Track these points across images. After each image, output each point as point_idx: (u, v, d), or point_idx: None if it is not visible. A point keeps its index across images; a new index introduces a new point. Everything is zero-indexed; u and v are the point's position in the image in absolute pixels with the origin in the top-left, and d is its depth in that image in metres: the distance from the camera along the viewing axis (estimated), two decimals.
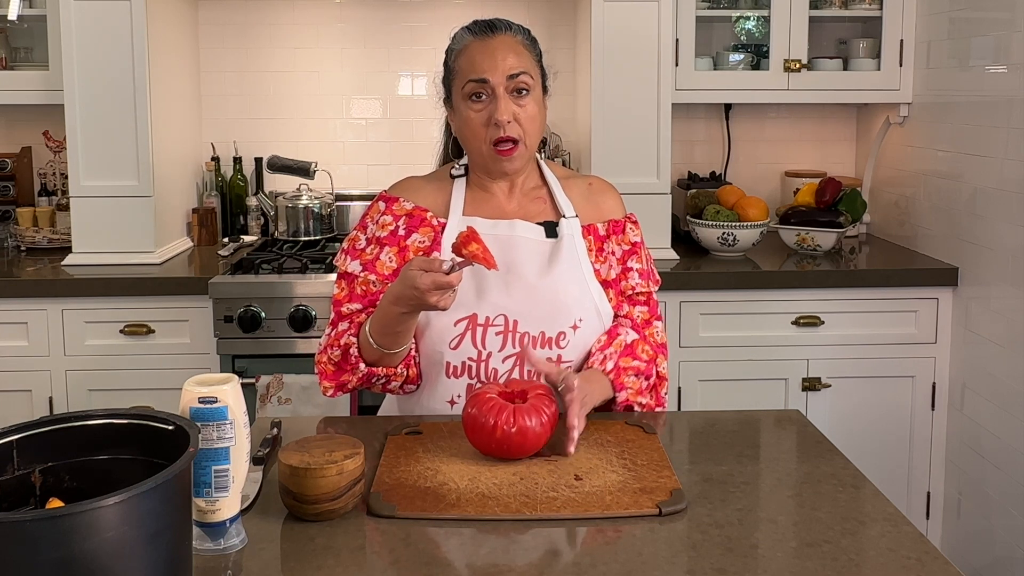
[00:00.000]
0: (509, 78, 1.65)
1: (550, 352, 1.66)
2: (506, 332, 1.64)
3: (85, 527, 0.88)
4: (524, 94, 1.67)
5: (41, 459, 1.07)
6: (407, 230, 1.73)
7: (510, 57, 1.67)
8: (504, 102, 1.65)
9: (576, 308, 1.67)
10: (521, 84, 1.66)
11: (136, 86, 2.86)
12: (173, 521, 0.97)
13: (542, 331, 1.65)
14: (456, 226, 1.70)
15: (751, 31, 3.31)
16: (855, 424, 2.86)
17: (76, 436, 1.08)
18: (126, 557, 0.91)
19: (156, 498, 0.93)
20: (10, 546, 0.86)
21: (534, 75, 1.69)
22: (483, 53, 1.67)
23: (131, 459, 1.08)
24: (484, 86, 1.65)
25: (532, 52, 1.72)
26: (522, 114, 1.66)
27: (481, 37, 1.70)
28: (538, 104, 1.70)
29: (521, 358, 1.65)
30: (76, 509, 0.88)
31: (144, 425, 1.08)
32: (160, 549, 0.95)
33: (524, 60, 1.68)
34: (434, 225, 1.72)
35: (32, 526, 0.87)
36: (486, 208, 1.74)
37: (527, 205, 1.75)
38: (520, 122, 1.66)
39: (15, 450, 1.05)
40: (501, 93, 1.65)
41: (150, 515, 0.93)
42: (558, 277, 1.68)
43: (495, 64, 1.65)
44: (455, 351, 1.65)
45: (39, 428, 1.07)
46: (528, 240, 1.70)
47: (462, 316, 1.64)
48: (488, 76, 1.65)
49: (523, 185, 1.77)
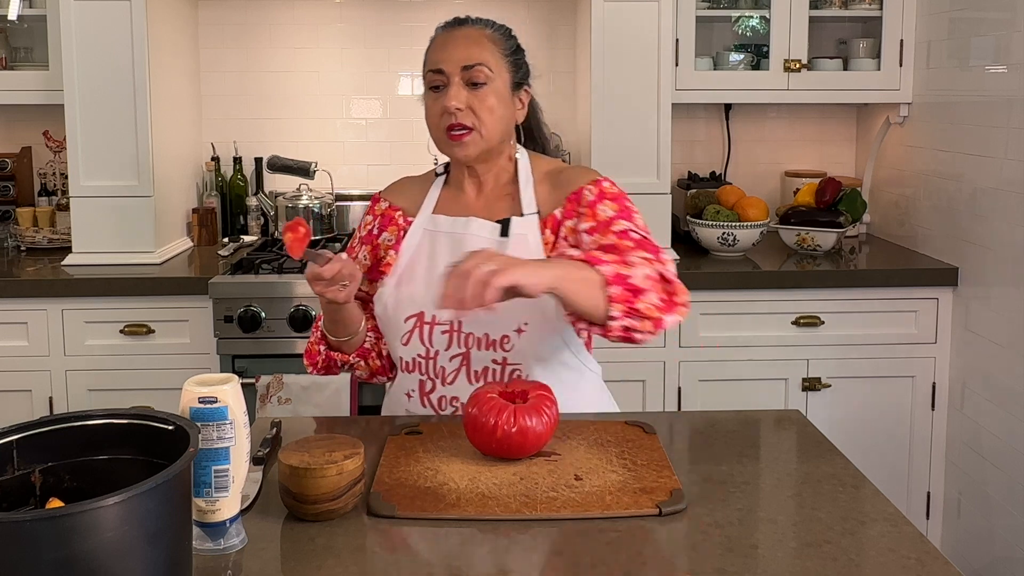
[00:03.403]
0: (464, 68, 1.65)
1: (495, 354, 1.65)
2: (451, 331, 1.66)
3: (85, 527, 0.88)
4: (481, 86, 1.66)
5: (41, 459, 1.07)
6: (379, 229, 1.80)
7: (468, 48, 1.67)
8: (455, 90, 1.65)
9: (520, 312, 1.62)
10: (476, 75, 1.65)
11: (136, 86, 2.86)
12: (173, 521, 0.97)
13: (486, 333, 1.65)
14: (422, 223, 1.75)
15: (755, 27, 3.31)
16: (855, 424, 2.86)
17: (76, 436, 1.08)
18: (126, 557, 0.91)
19: (156, 498, 0.93)
20: (10, 546, 0.86)
21: (495, 68, 1.67)
22: (443, 44, 1.69)
23: (131, 459, 1.08)
24: (440, 76, 1.66)
25: (500, 46, 1.70)
26: (477, 104, 1.65)
27: (447, 30, 1.72)
28: (499, 97, 1.67)
29: (467, 357, 1.65)
30: (76, 509, 0.87)
31: (144, 425, 1.08)
32: (160, 549, 0.95)
33: (484, 52, 1.67)
34: (400, 224, 1.78)
35: (32, 526, 0.87)
36: (455, 206, 1.75)
37: (493, 203, 1.74)
38: (475, 111, 1.65)
39: (15, 450, 1.05)
40: (455, 82, 1.65)
41: (150, 515, 0.93)
42: None
43: (451, 55, 1.66)
44: (406, 347, 1.69)
45: (39, 428, 1.07)
46: (480, 239, 1.68)
47: (411, 313, 1.68)
48: (443, 66, 1.66)
49: (495, 181, 1.75)
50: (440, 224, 1.73)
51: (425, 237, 1.73)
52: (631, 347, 1.63)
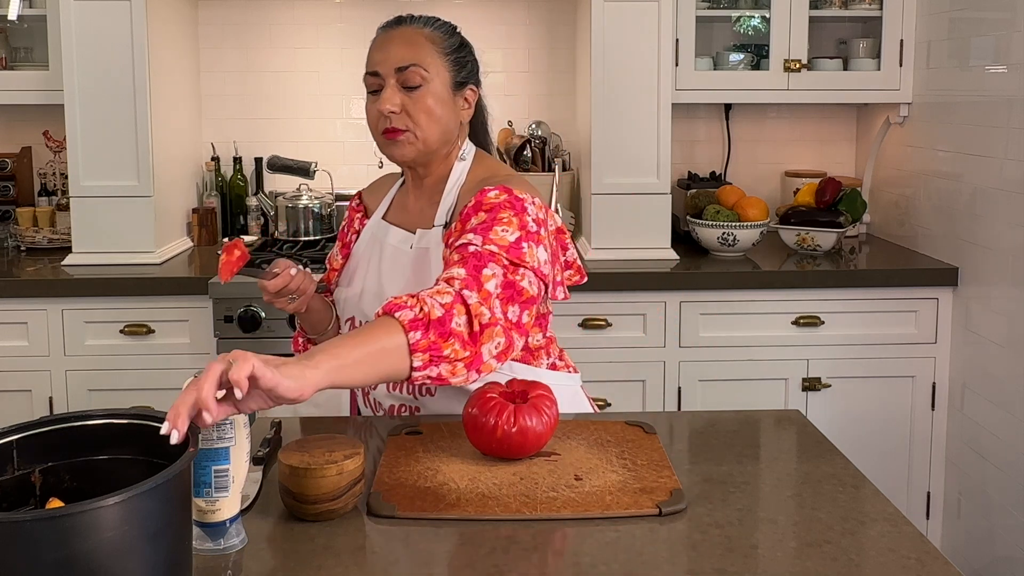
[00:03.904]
0: (398, 70, 1.62)
1: None
2: None
3: (85, 527, 0.88)
4: (415, 88, 1.62)
5: (41, 459, 1.07)
6: (347, 228, 1.86)
7: (403, 49, 1.63)
8: (389, 92, 1.62)
9: None
10: (411, 77, 1.61)
11: (136, 86, 2.86)
12: (173, 521, 0.97)
13: None
14: (372, 227, 1.78)
15: (755, 27, 3.31)
16: (855, 424, 2.86)
17: (76, 436, 1.09)
18: (126, 557, 0.91)
19: (156, 498, 0.93)
20: (10, 546, 0.86)
21: (431, 68, 1.63)
22: (378, 46, 1.66)
23: (131, 459, 1.08)
24: (376, 79, 1.64)
25: (439, 45, 1.65)
26: (412, 106, 1.62)
27: (384, 30, 1.69)
28: (437, 98, 1.63)
29: None
30: (76, 509, 0.88)
31: (144, 425, 1.09)
32: (160, 549, 0.95)
33: (419, 53, 1.63)
34: (355, 227, 1.83)
35: (32, 526, 0.87)
36: (401, 211, 1.76)
37: (425, 209, 1.71)
38: (410, 114, 1.62)
39: (15, 450, 1.06)
40: (389, 84, 1.62)
41: (150, 515, 0.93)
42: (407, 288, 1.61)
43: (386, 56, 1.63)
44: None
45: (39, 428, 1.08)
46: (395, 248, 1.71)
47: (348, 317, 1.75)
48: (378, 68, 1.64)
49: (431, 187, 1.72)
50: (379, 229, 1.76)
51: (373, 241, 1.76)
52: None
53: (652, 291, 2.80)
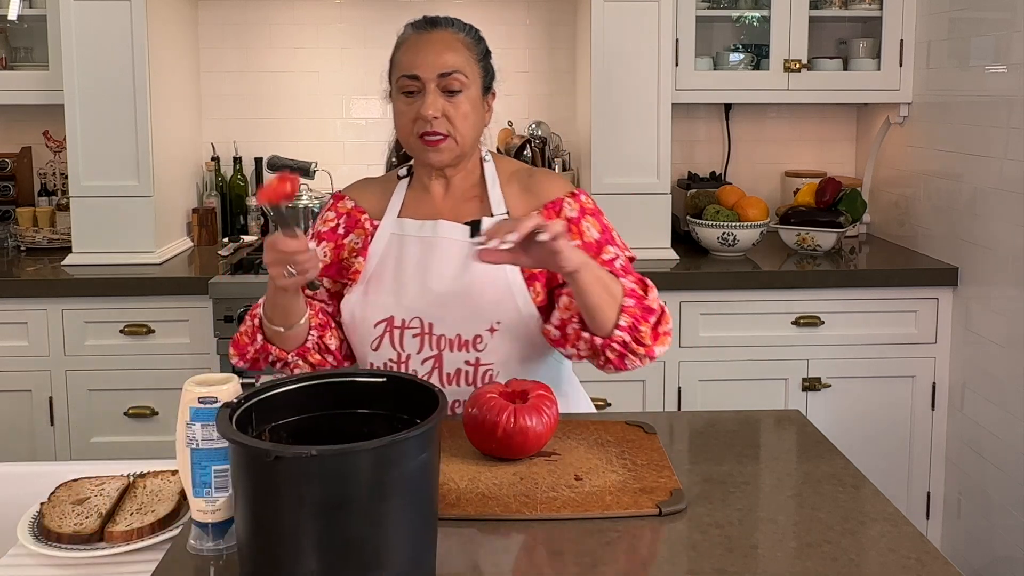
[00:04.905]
0: (441, 76, 1.62)
1: (468, 355, 1.64)
2: (423, 335, 1.64)
3: (398, 454, 1.02)
4: (456, 93, 1.64)
5: (327, 407, 1.22)
6: (345, 229, 1.75)
7: (445, 54, 1.64)
8: (432, 98, 1.62)
9: (493, 311, 1.63)
10: (452, 83, 1.63)
11: (136, 86, 2.86)
12: (438, 451, 1.12)
13: (458, 334, 1.63)
14: (388, 227, 1.71)
15: (755, 27, 3.31)
16: (855, 424, 2.86)
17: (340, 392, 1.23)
18: (426, 479, 1.07)
19: (434, 431, 1.07)
20: (344, 470, 1.01)
21: (470, 74, 1.65)
22: (418, 49, 1.65)
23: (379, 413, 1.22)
24: (415, 82, 1.63)
25: (473, 51, 1.67)
26: (452, 111, 1.63)
27: (420, 32, 1.68)
28: (472, 104, 1.66)
29: (439, 359, 1.64)
30: (396, 439, 1.02)
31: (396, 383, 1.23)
32: (437, 472, 1.12)
33: (460, 58, 1.64)
34: (367, 228, 1.73)
35: (359, 456, 1.01)
36: (421, 209, 1.72)
37: (460, 206, 1.72)
38: (450, 119, 1.63)
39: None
40: (431, 89, 1.62)
41: (435, 442, 1.08)
42: (475, 279, 1.63)
43: (428, 60, 1.63)
44: (376, 352, 1.66)
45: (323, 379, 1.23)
46: (450, 241, 1.67)
47: (381, 318, 1.65)
48: (419, 72, 1.63)
49: (461, 184, 1.73)
50: (407, 228, 1.70)
51: (392, 241, 1.70)
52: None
53: None
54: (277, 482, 0.99)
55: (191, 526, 1.20)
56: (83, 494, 1.38)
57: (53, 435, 2.77)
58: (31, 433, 2.76)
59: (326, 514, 0.99)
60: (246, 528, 1.04)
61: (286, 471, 0.99)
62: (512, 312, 1.64)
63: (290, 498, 0.99)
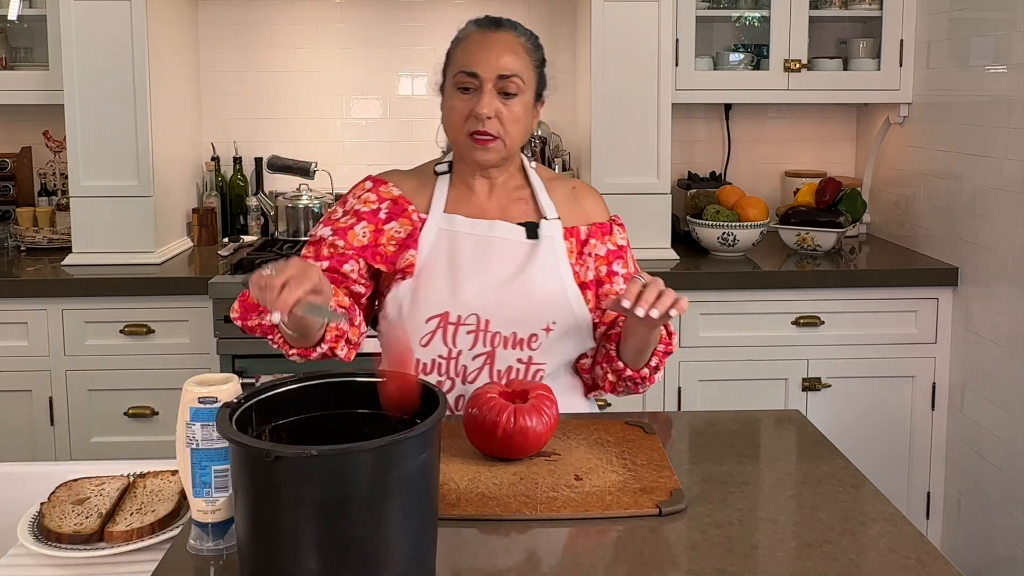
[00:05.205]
0: (499, 77, 1.64)
1: (521, 353, 1.65)
2: (477, 331, 1.64)
3: (398, 454, 1.02)
4: (512, 96, 1.65)
5: (327, 407, 1.21)
6: (388, 215, 1.71)
7: (506, 56, 1.65)
8: (488, 98, 1.63)
9: (550, 311, 1.65)
10: (510, 86, 1.65)
11: (136, 86, 2.85)
12: (438, 450, 1.12)
13: (514, 332, 1.64)
14: (438, 222, 1.68)
15: (755, 27, 3.31)
16: (855, 424, 2.86)
17: (337, 392, 1.22)
18: (427, 479, 1.07)
19: (434, 432, 1.08)
20: (345, 470, 1.01)
21: (527, 80, 1.67)
22: (480, 47, 1.66)
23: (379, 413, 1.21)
24: (473, 80, 1.64)
25: (532, 57, 1.70)
26: (505, 113, 1.65)
27: (484, 31, 1.69)
28: (525, 108, 1.68)
29: (491, 356, 1.64)
30: (396, 439, 1.02)
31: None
32: (437, 472, 1.12)
33: (520, 63, 1.66)
34: (414, 220, 1.70)
35: (360, 456, 1.01)
36: (466, 206, 1.72)
37: (507, 205, 1.74)
38: (502, 121, 1.65)
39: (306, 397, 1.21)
40: (488, 89, 1.64)
41: (435, 442, 1.08)
42: (533, 279, 1.66)
43: (489, 60, 1.64)
44: (425, 348, 1.65)
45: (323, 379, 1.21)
46: (507, 241, 1.68)
47: (435, 314, 1.64)
48: (479, 71, 1.64)
49: (505, 185, 1.75)
50: (458, 224, 1.69)
51: (442, 236, 1.68)
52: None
53: None
54: (277, 482, 0.99)
55: (191, 526, 1.20)
56: (83, 494, 1.38)
57: (53, 435, 2.77)
58: (31, 433, 2.76)
59: (326, 514, 0.99)
60: (246, 528, 1.04)
61: (286, 471, 0.99)
62: (567, 313, 1.66)
63: (290, 498, 0.99)
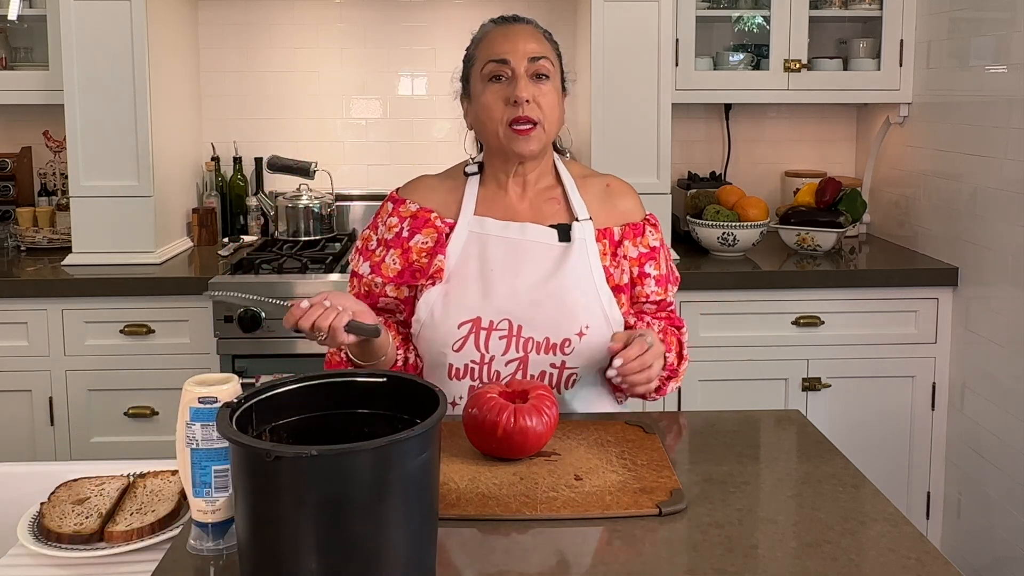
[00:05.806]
0: (530, 60, 1.63)
1: (554, 358, 1.64)
2: (510, 336, 1.63)
3: (399, 454, 1.02)
4: (544, 79, 1.64)
5: (327, 407, 1.21)
6: (410, 231, 1.70)
7: (531, 42, 1.65)
8: (524, 82, 1.62)
9: (583, 315, 1.64)
10: (542, 68, 1.64)
11: (136, 86, 2.86)
12: (438, 450, 1.12)
13: (547, 337, 1.63)
14: (466, 225, 1.68)
15: (755, 27, 3.31)
16: (855, 424, 2.86)
17: (342, 391, 1.22)
18: (427, 479, 1.07)
19: (434, 432, 1.07)
20: (342, 471, 1.00)
21: (555, 65, 1.68)
22: (505, 37, 1.66)
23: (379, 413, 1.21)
24: (504, 67, 1.63)
25: (553, 46, 1.70)
26: (542, 98, 1.63)
27: (504, 24, 1.70)
28: (557, 94, 1.68)
29: (524, 361, 1.64)
30: (396, 439, 1.02)
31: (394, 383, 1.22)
32: (437, 472, 1.11)
33: (545, 48, 1.67)
34: (438, 226, 1.69)
35: (358, 457, 1.00)
36: (497, 208, 1.70)
37: (540, 206, 1.71)
38: (540, 105, 1.63)
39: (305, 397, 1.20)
40: (521, 73, 1.63)
41: (435, 442, 1.08)
42: (566, 283, 1.65)
43: (516, 46, 1.64)
44: (458, 353, 1.64)
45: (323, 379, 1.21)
46: (538, 244, 1.67)
47: (467, 319, 1.63)
48: (509, 57, 1.63)
49: (536, 184, 1.73)
50: (488, 227, 1.68)
51: (472, 240, 1.67)
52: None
53: None
54: (277, 482, 0.99)
55: (191, 526, 1.20)
56: (83, 494, 1.38)
57: (53, 435, 2.77)
58: (31, 433, 2.76)
59: (326, 514, 0.99)
60: (246, 528, 1.04)
61: (286, 471, 0.99)
62: (600, 317, 1.65)
63: (290, 498, 0.99)
